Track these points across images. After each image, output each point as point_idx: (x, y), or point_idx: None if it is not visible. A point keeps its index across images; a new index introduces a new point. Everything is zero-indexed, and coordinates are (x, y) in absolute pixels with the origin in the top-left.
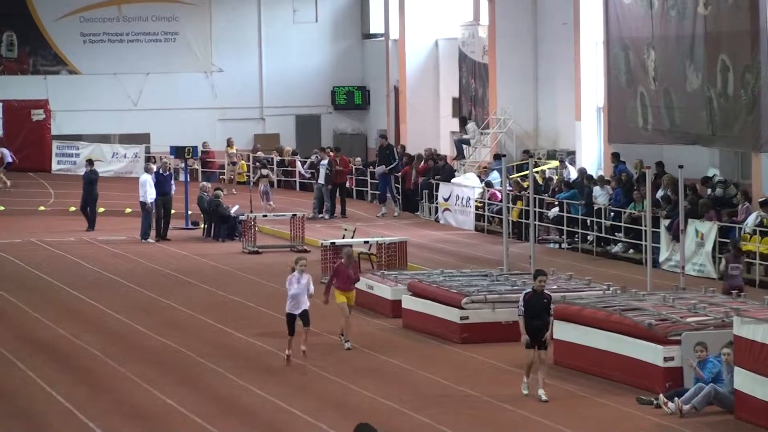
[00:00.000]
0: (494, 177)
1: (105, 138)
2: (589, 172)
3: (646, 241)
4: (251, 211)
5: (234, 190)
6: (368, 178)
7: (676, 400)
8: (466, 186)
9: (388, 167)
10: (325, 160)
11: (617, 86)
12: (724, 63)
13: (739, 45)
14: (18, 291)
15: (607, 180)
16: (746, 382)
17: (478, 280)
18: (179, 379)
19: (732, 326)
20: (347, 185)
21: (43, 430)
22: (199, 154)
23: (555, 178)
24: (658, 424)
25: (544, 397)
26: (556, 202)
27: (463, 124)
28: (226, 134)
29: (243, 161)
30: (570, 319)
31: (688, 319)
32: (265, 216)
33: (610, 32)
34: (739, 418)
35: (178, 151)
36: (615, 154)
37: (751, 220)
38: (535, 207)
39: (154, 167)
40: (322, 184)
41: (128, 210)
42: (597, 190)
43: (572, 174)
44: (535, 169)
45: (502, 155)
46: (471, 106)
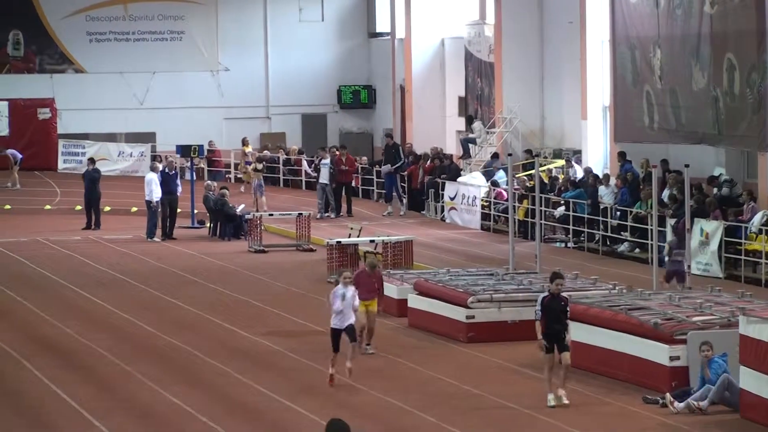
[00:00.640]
0: (500, 176)
1: (111, 137)
2: (595, 171)
3: (652, 241)
4: (257, 210)
5: (242, 189)
6: (374, 177)
7: (691, 402)
8: (472, 185)
9: (394, 166)
10: (327, 159)
11: (623, 85)
12: (731, 62)
13: (746, 44)
14: (24, 290)
15: (607, 174)
16: (752, 381)
17: (484, 279)
18: (185, 378)
19: (738, 325)
20: (353, 184)
21: (49, 429)
22: (205, 153)
23: (561, 177)
24: (664, 424)
25: (565, 400)
26: (562, 201)
27: (469, 123)
28: (232, 133)
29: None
30: (576, 319)
31: (694, 319)
32: (271, 215)
33: (616, 31)
34: (746, 417)
35: (184, 150)
36: (621, 153)
37: (757, 219)
38: (541, 206)
39: (160, 166)
40: (326, 184)
41: (134, 209)
42: (603, 189)
43: (578, 173)
44: (541, 168)
45: (508, 154)
46: (477, 105)
